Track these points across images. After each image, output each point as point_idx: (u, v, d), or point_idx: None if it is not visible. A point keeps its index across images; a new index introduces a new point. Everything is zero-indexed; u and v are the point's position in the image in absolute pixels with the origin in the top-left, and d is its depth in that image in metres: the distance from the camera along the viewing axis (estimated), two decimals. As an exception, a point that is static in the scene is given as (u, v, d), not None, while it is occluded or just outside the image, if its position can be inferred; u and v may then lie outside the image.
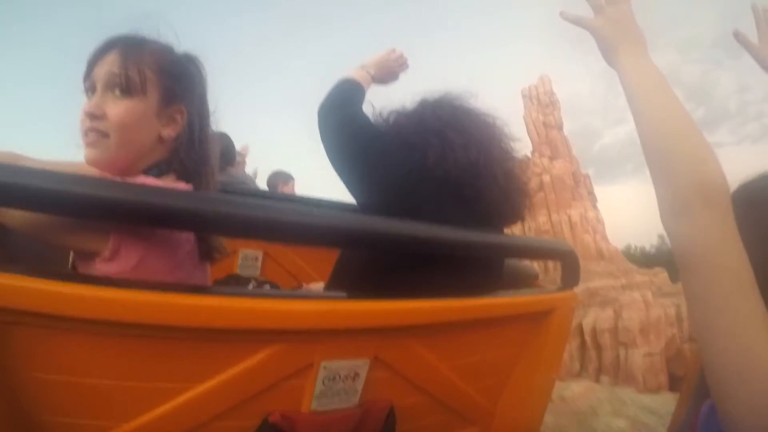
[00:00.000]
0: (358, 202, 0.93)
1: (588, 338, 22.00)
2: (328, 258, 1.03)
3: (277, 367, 0.65)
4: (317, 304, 0.67)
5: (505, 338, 0.91)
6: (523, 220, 0.97)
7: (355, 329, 0.69)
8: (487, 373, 0.90)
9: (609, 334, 21.67)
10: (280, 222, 0.64)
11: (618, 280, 24.25)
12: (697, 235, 0.50)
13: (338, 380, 0.69)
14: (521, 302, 0.91)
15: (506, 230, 1.02)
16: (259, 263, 1.62)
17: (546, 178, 29.57)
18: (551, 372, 0.98)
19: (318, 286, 1.26)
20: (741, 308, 0.46)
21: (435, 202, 0.86)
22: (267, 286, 1.42)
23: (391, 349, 0.73)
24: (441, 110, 0.94)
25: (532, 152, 31.32)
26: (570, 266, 0.99)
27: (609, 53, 0.65)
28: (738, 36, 0.88)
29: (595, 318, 22.09)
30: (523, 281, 1.12)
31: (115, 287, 0.55)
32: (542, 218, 28.35)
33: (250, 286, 1.24)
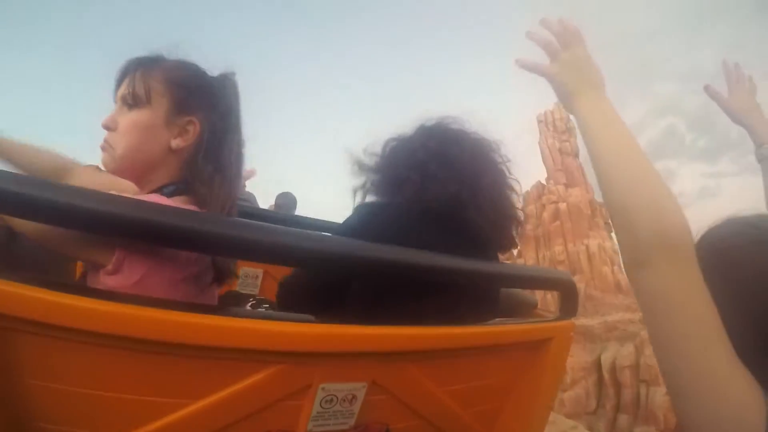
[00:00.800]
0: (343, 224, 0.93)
1: (606, 374, 21.20)
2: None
3: (276, 388, 0.65)
4: (318, 327, 0.68)
5: (502, 366, 0.91)
6: (515, 246, 0.97)
7: (355, 353, 0.70)
8: (483, 399, 0.90)
9: (629, 371, 20.85)
10: (283, 246, 0.66)
11: (636, 313, 23.50)
12: (660, 288, 0.49)
13: (336, 402, 0.70)
14: (519, 330, 0.92)
15: (518, 260, 1.02)
16: (259, 281, 1.61)
17: (562, 206, 29.19)
18: (547, 400, 0.97)
19: None
20: (707, 356, 0.46)
21: (416, 231, 0.85)
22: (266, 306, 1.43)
23: (389, 373, 0.74)
24: (431, 140, 0.94)
25: (547, 179, 31.11)
26: (568, 296, 0.99)
27: (566, 99, 0.63)
28: (708, 90, 0.89)
29: (614, 354, 21.32)
30: (522, 309, 1.13)
31: (115, 301, 0.56)
32: (558, 248, 27.85)
33: (248, 305, 1.26)
